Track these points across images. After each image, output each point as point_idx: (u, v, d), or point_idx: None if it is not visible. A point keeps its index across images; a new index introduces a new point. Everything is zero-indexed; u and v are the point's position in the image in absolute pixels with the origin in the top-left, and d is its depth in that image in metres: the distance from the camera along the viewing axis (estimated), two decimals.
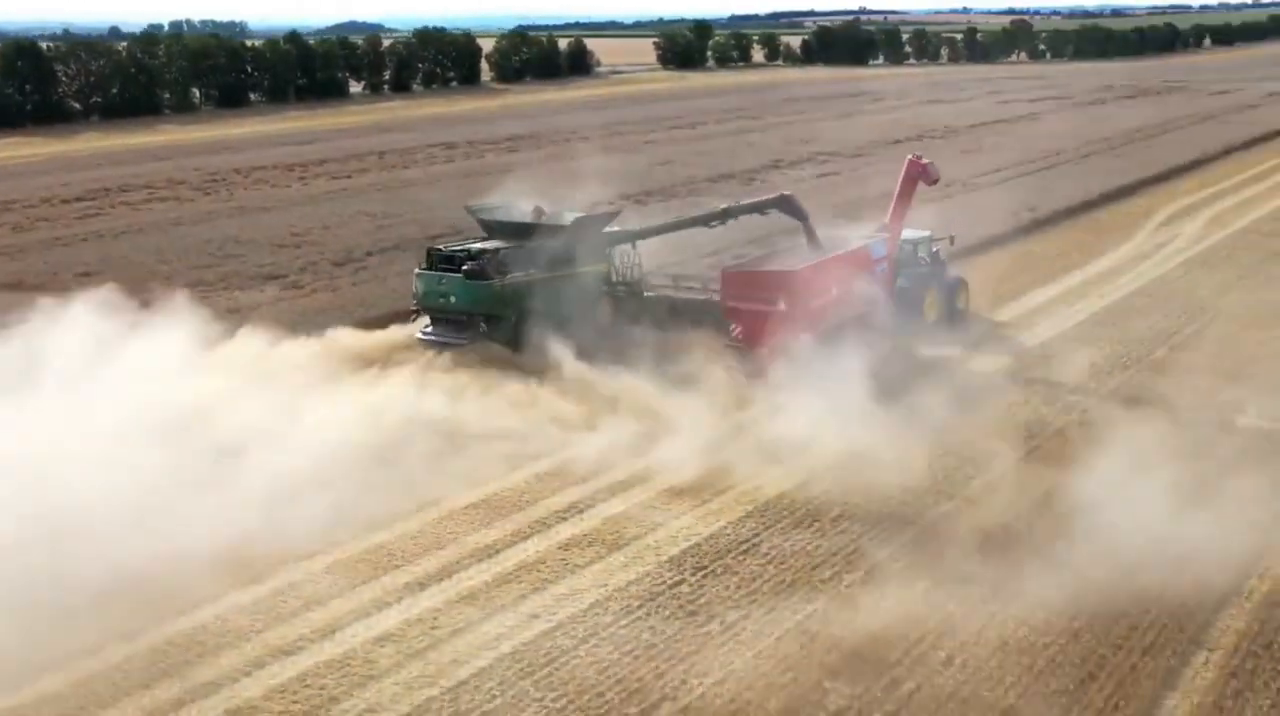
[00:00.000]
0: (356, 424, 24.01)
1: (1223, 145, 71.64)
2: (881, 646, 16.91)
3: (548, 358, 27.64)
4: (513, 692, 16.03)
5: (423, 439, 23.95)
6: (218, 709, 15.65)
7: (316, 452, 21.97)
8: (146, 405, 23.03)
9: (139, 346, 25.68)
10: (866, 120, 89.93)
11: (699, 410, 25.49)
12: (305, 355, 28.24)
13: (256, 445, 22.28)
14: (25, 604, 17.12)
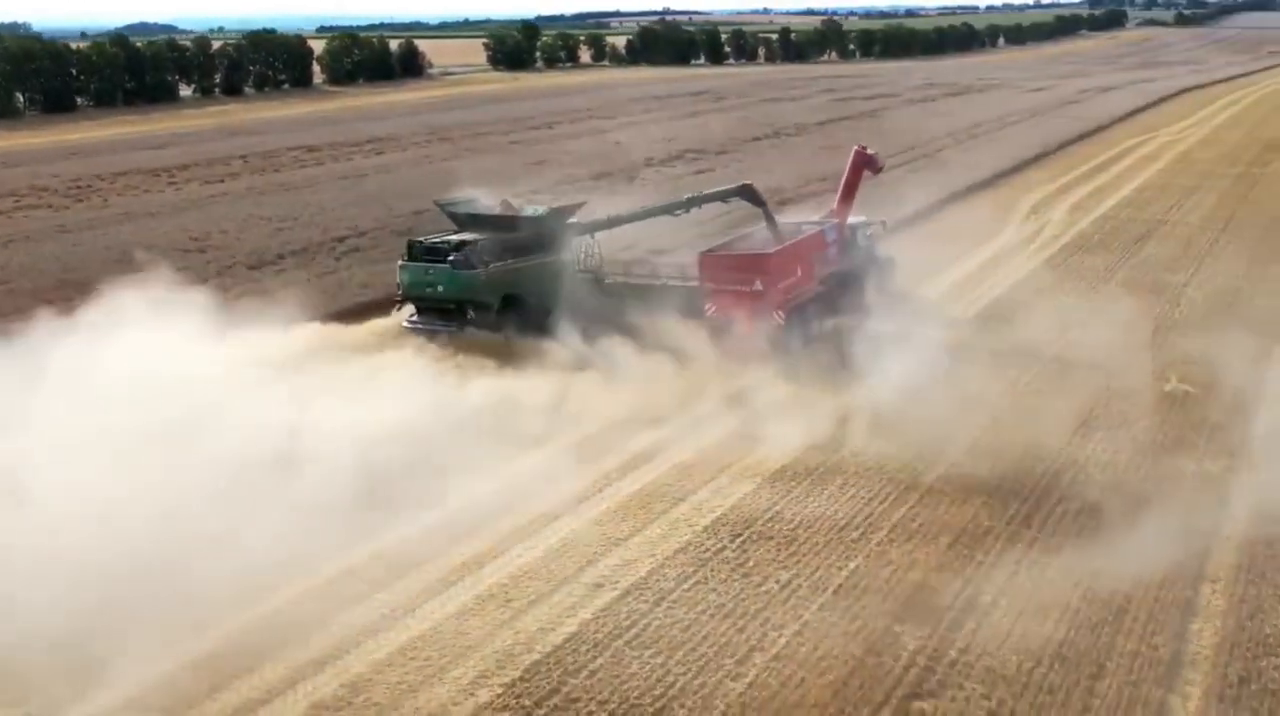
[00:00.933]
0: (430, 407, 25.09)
1: (1058, 139, 76.17)
2: (930, 594, 18.56)
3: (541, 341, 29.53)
4: (610, 652, 17.12)
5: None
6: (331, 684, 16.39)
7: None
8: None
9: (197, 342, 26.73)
10: (716, 119, 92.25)
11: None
12: (334, 343, 29.83)
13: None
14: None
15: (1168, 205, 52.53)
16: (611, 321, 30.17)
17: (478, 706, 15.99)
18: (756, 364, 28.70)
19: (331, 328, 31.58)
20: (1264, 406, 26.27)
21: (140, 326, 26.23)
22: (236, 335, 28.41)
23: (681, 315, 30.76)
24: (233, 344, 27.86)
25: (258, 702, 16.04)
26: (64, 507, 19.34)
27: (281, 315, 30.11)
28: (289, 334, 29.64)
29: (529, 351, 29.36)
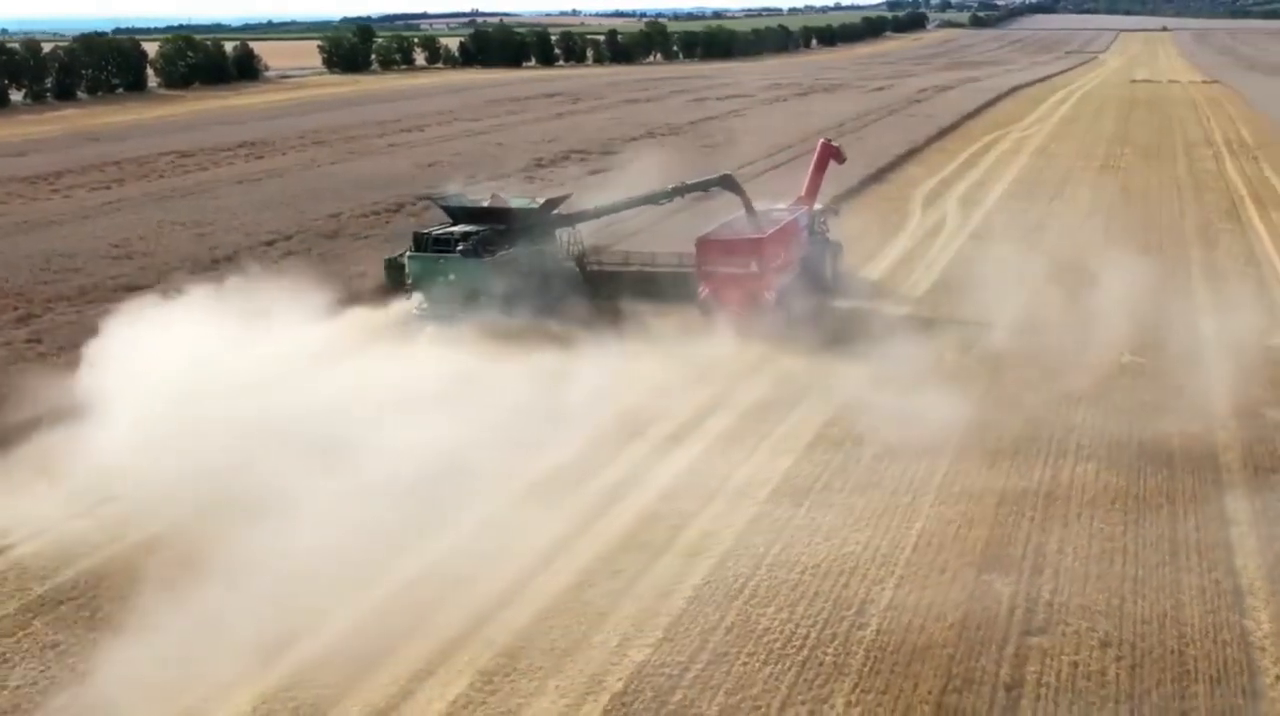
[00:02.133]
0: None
1: (923, 136, 79.73)
2: (1001, 546, 20.42)
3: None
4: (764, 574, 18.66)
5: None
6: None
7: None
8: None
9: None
10: (584, 120, 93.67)
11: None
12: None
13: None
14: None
15: (1048, 196, 55.94)
16: (597, 305, 32.40)
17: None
18: (751, 340, 30.81)
19: (360, 312, 33.20)
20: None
21: (195, 323, 26.56)
22: (286, 329, 28.89)
23: (660, 298, 32.97)
24: (291, 336, 28.82)
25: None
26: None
27: (300, 308, 30.51)
28: (334, 322, 30.98)
29: (551, 332, 30.81)
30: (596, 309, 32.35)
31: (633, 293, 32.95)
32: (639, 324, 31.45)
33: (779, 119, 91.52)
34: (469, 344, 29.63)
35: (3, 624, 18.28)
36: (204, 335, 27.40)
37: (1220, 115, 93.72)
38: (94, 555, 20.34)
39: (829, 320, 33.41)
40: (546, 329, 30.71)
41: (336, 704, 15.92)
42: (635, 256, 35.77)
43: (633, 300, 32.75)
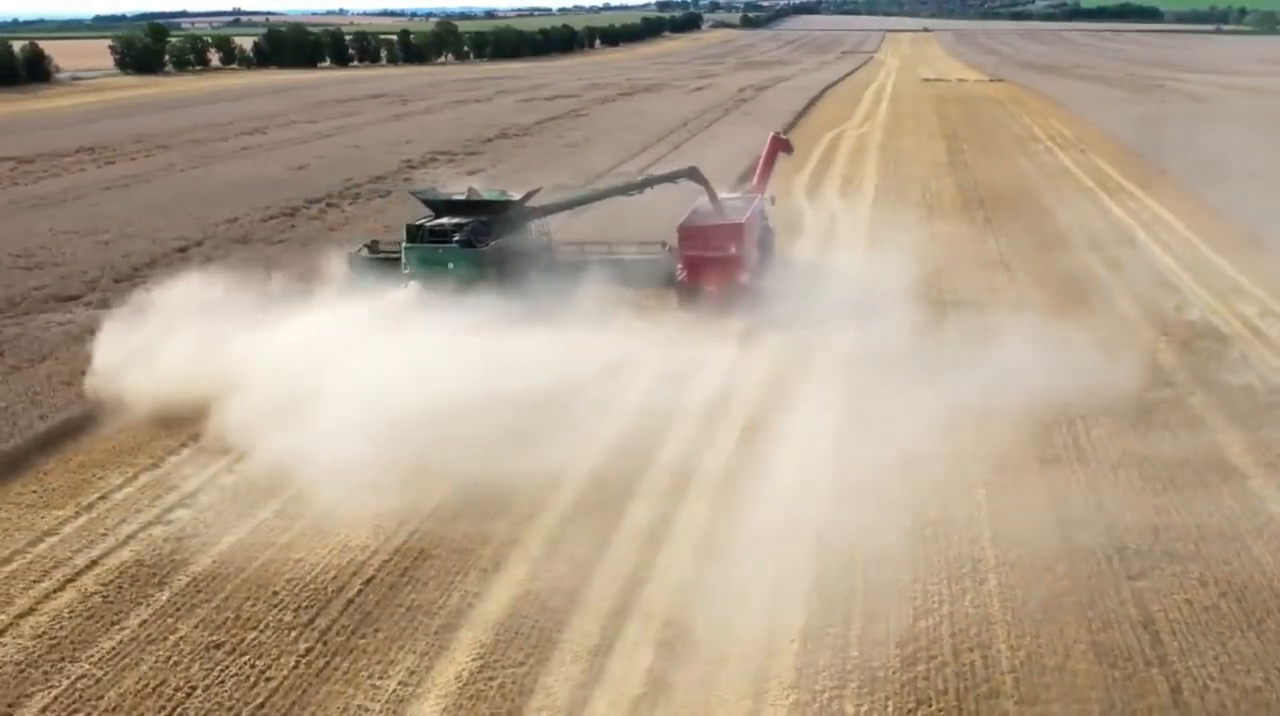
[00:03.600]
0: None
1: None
2: (1063, 499, 22.49)
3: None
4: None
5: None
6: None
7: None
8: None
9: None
10: (427, 120, 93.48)
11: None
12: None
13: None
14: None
15: (920, 189, 59.16)
16: (566, 289, 33.86)
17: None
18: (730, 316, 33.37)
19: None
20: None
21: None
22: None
23: (621, 283, 34.81)
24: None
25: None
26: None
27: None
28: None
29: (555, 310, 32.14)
30: (577, 293, 33.50)
31: (602, 278, 34.52)
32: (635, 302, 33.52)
33: (621, 118, 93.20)
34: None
35: None
36: (324, 328, 29.00)
37: (1029, 112, 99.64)
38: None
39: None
40: (551, 311, 31.95)
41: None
42: (592, 246, 37.41)
43: (602, 285, 34.18)
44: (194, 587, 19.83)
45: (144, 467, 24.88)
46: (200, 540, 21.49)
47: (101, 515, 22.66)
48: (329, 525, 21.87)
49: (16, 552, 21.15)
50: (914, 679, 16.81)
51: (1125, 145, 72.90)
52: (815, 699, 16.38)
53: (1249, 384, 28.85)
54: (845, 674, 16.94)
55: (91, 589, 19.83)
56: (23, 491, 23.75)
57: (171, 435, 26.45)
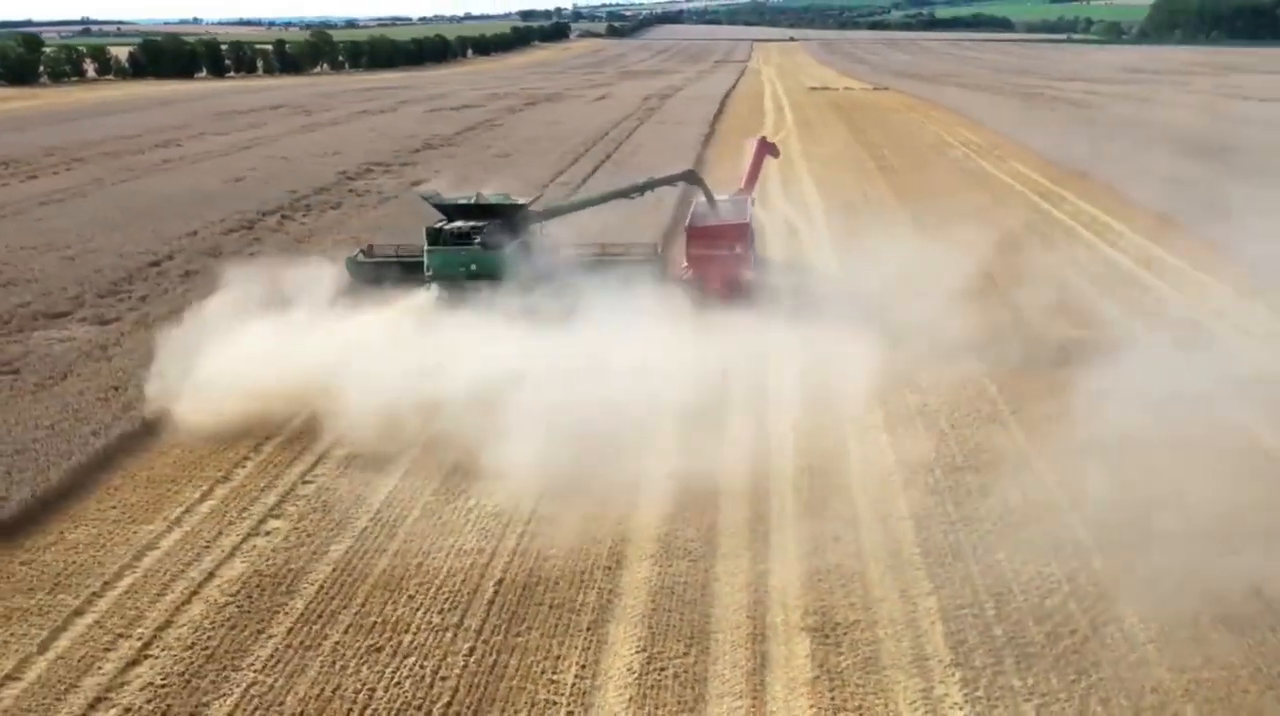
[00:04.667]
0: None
1: (697, 141, 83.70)
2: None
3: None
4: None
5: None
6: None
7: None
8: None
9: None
10: (341, 132, 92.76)
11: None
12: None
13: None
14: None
15: (862, 195, 60.90)
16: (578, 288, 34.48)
17: None
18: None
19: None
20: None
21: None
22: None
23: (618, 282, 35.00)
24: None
25: None
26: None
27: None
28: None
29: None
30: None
31: (601, 277, 35.31)
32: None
33: (537, 128, 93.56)
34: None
35: None
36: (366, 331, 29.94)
37: (931, 120, 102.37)
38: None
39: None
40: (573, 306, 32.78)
41: None
42: (589, 248, 38.27)
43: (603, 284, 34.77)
44: (326, 595, 20.01)
45: (215, 481, 24.85)
46: (308, 549, 21.65)
47: (194, 529, 22.62)
48: (432, 530, 22.12)
49: (125, 567, 21.10)
50: (1065, 651, 17.86)
51: (1037, 151, 75.66)
52: (978, 676, 17.30)
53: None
54: (998, 650, 17.90)
55: (220, 600, 19.91)
56: (102, 508, 23.58)
57: (230, 447, 26.46)
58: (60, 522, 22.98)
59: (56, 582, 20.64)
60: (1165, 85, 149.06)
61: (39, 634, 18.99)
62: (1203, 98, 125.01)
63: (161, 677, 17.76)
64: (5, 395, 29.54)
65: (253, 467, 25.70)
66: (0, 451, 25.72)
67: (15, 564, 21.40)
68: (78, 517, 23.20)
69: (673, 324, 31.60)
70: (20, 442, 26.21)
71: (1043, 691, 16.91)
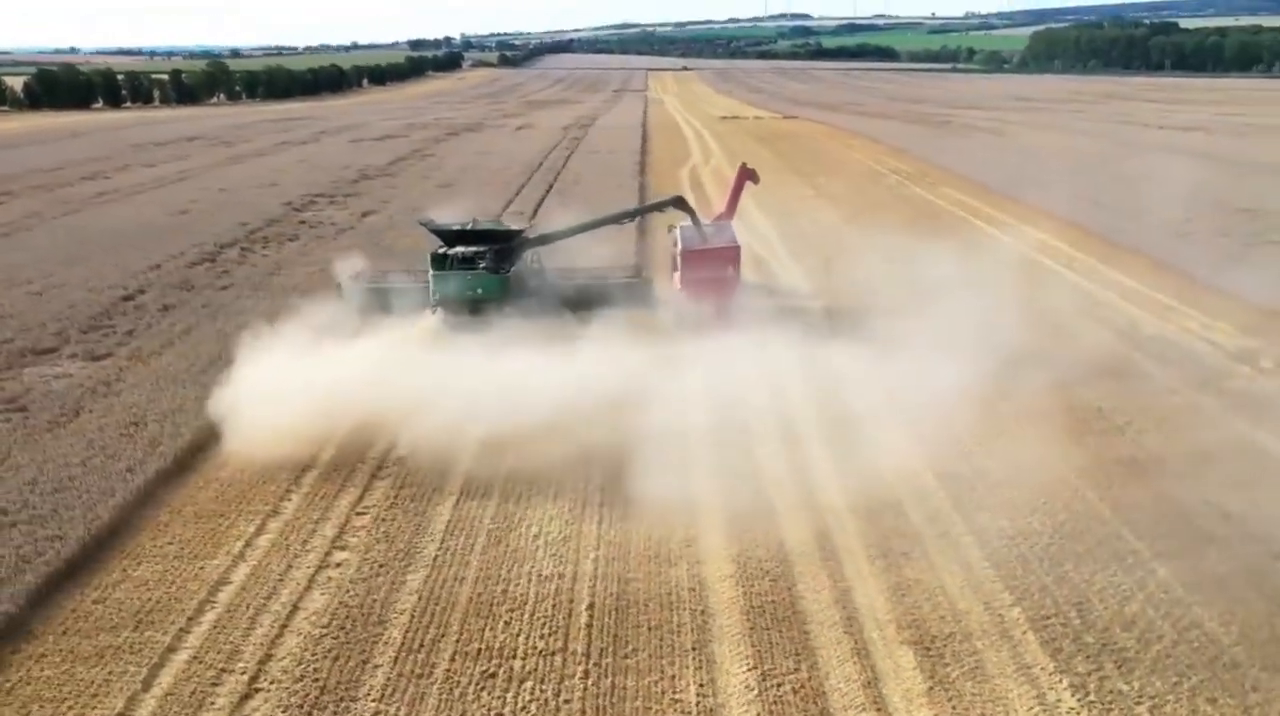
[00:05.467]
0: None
1: (635, 170, 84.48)
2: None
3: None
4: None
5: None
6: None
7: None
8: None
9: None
10: (270, 163, 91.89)
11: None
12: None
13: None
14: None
15: (810, 219, 61.78)
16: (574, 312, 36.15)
17: None
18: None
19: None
20: None
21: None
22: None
23: (607, 306, 36.39)
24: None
25: None
26: None
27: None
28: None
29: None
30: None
31: (593, 303, 36.57)
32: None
33: (469, 158, 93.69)
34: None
35: None
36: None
37: (853, 149, 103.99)
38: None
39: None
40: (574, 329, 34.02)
41: None
42: (578, 273, 39.48)
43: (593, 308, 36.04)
44: (419, 624, 20.14)
45: (265, 514, 24.78)
46: (385, 580, 21.74)
47: (261, 563, 22.55)
48: (505, 556, 22.49)
49: (204, 603, 21.00)
50: (1158, 655, 18.74)
51: (964, 176, 77.78)
52: (1084, 682, 18.08)
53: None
54: (1096, 656, 18.71)
55: (313, 632, 19.93)
56: (158, 544, 23.40)
57: (268, 481, 26.40)
58: (120, 560, 22.73)
59: (139, 620, 20.45)
60: (1060, 113, 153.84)
61: (138, 671, 18.84)
62: (1103, 125, 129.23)
63: (282, 710, 17.76)
64: (21, 433, 29.00)
65: (299, 500, 25.65)
66: (40, 489, 25.34)
67: (88, 602, 21.14)
68: (136, 554, 22.96)
69: (695, 345, 32.29)
70: (56, 481, 25.80)
71: (1150, 694, 17.63)
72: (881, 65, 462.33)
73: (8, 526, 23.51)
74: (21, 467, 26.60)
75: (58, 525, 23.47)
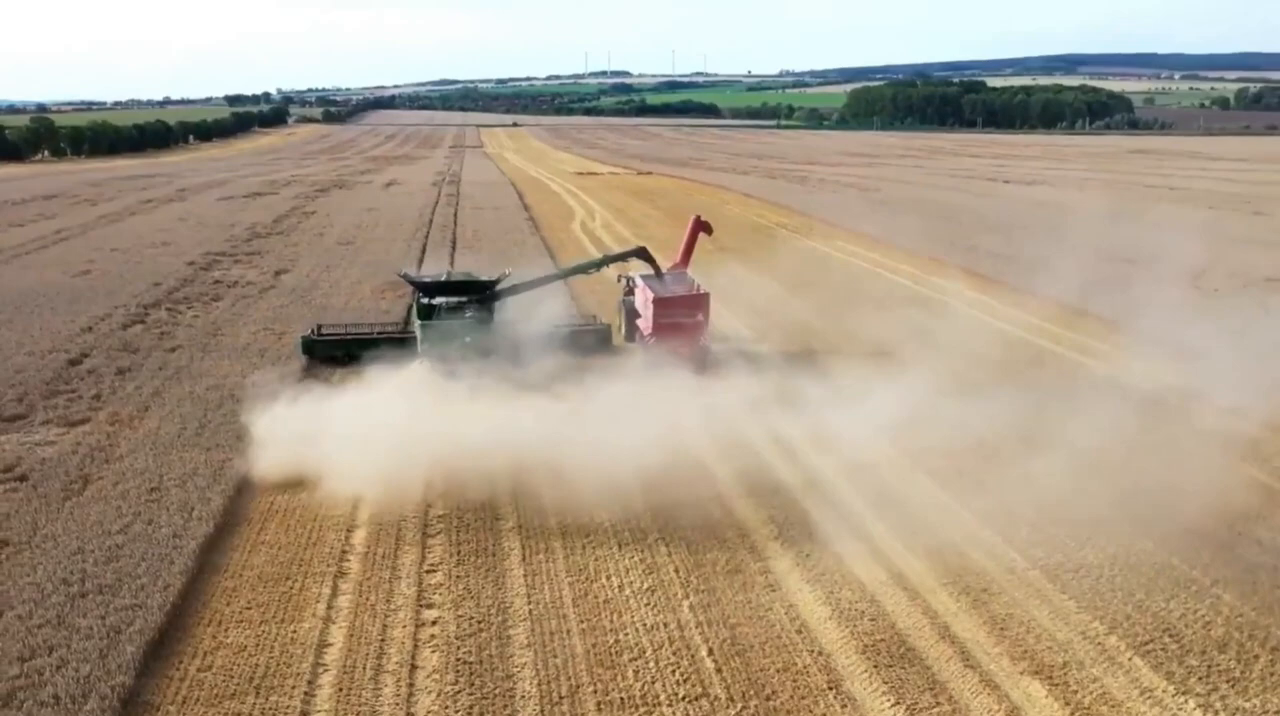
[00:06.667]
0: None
1: (526, 227, 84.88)
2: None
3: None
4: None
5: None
6: None
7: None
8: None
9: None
10: (144, 221, 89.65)
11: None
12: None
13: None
14: None
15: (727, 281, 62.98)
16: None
17: None
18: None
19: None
20: None
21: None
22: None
23: (570, 351, 38.66)
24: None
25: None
26: None
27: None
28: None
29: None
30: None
31: (556, 347, 38.47)
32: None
33: (354, 216, 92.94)
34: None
35: None
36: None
37: (730, 203, 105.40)
38: None
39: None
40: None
41: None
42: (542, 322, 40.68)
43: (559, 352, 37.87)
44: (548, 676, 20.24)
45: (331, 575, 24.55)
46: (489, 635, 21.72)
47: (355, 624, 22.28)
48: (599, 608, 22.97)
49: (317, 666, 20.77)
50: (1262, 673, 20.15)
51: (852, 229, 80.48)
52: (1208, 701, 19.36)
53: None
54: (1208, 676, 20.07)
55: (445, 689, 19.87)
56: (236, 609, 22.93)
57: (316, 541, 26.25)
58: (205, 627, 22.30)
59: (256, 685, 20.14)
60: (898, 167, 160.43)
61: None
62: (951, 179, 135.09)
63: None
64: (38, 503, 28.10)
65: (359, 560, 25.44)
66: (93, 559, 24.69)
67: (194, 670, 20.73)
68: (218, 621, 22.55)
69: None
70: (104, 549, 25.16)
71: (1271, 709, 18.95)
72: (708, 122, 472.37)
73: (78, 596, 22.81)
74: (59, 537, 25.75)
75: (130, 594, 22.87)
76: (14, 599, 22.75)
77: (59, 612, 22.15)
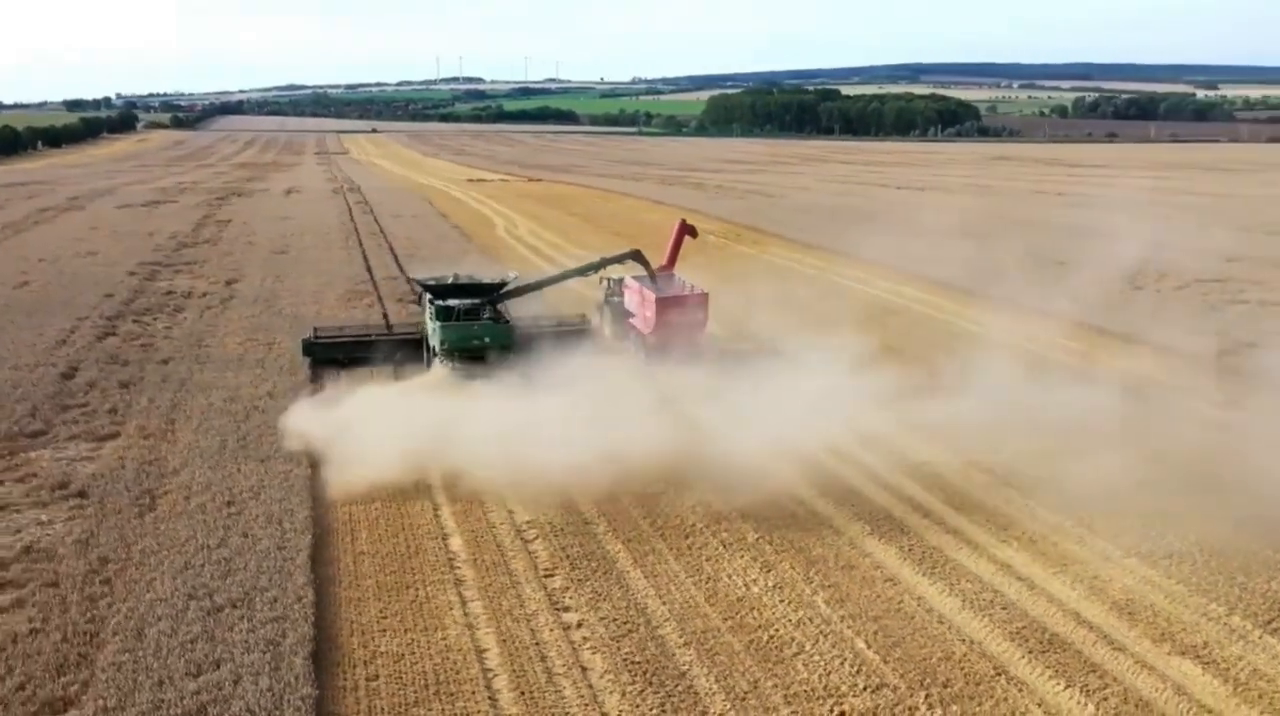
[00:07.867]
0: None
1: (454, 237, 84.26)
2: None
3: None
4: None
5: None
6: None
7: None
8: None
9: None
10: (51, 231, 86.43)
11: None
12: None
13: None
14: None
15: None
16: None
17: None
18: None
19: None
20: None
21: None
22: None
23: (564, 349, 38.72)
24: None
25: None
26: None
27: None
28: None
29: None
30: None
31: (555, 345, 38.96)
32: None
33: (275, 224, 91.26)
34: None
35: None
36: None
37: (639, 209, 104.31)
38: None
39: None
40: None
41: None
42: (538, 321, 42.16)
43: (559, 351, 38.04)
44: (719, 671, 20.80)
45: (451, 582, 24.77)
46: (643, 635, 22.20)
47: (502, 629, 22.46)
48: (736, 606, 23.51)
49: (485, 671, 21.03)
50: None
51: (779, 235, 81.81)
52: None
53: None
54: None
55: (629, 689, 20.29)
56: (371, 619, 23.02)
57: (412, 558, 26.17)
58: (352, 637, 22.32)
59: (436, 691, 20.33)
60: (777, 174, 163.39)
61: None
62: (843, 186, 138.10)
63: None
64: (114, 520, 27.47)
65: (470, 568, 25.56)
66: (208, 573, 24.44)
67: (362, 680, 20.79)
68: (362, 631, 22.54)
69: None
70: (215, 564, 24.87)
71: None
72: (568, 128, 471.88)
73: (213, 611, 22.56)
74: (158, 553, 25.34)
75: (266, 606, 22.69)
76: (147, 615, 22.38)
77: (203, 627, 21.86)
